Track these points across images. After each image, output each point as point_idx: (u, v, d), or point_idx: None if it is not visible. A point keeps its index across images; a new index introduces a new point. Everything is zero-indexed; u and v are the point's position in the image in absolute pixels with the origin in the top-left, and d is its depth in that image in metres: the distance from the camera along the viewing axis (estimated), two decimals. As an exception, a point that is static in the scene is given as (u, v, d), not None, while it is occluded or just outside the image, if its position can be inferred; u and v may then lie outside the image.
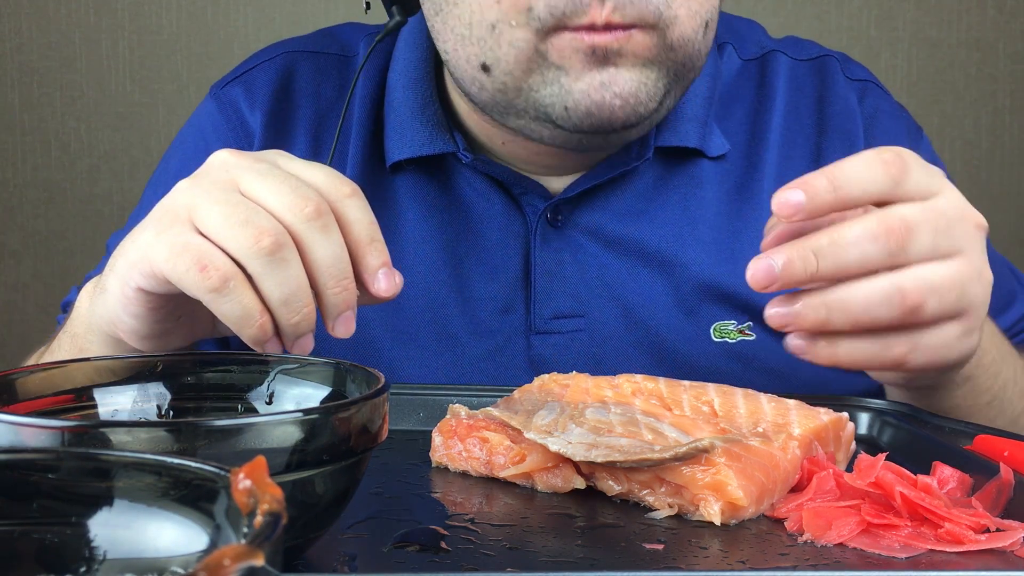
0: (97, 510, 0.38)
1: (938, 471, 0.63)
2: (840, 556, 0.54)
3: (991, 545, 0.54)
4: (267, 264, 0.61)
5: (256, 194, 0.63)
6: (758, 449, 0.61)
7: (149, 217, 0.66)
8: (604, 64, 0.79)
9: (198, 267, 0.61)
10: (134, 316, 0.68)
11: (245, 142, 0.96)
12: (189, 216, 0.63)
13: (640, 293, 0.91)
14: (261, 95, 0.97)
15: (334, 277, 0.64)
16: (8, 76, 1.91)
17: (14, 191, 1.92)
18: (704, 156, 0.93)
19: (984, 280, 0.67)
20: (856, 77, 0.99)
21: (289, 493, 0.35)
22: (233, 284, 0.61)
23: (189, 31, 1.91)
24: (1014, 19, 1.97)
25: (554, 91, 0.80)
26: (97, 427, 0.46)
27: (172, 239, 0.63)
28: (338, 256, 0.64)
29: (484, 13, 0.79)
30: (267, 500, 0.33)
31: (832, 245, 0.61)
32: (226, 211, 0.62)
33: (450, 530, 0.56)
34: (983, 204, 2.04)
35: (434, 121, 0.91)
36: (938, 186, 0.65)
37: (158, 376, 0.58)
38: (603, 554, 0.54)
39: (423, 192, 0.93)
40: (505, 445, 0.65)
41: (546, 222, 0.91)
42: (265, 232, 0.61)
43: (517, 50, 0.79)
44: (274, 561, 0.30)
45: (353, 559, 0.52)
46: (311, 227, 0.63)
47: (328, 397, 0.58)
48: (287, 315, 0.62)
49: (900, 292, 0.62)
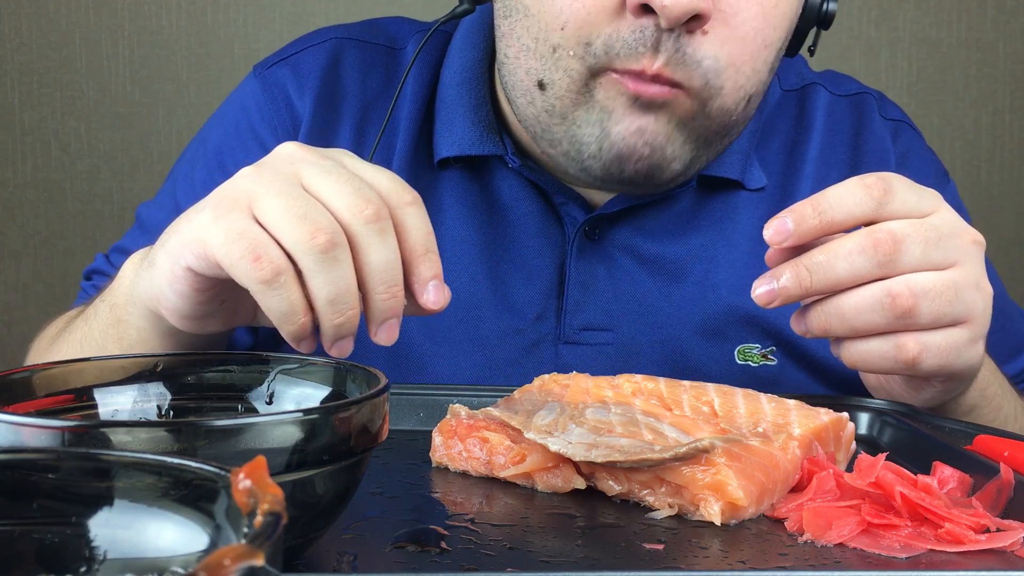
0: (97, 510, 0.38)
1: (938, 471, 0.63)
2: (840, 556, 0.54)
3: (991, 545, 0.54)
4: (319, 261, 0.60)
5: (318, 190, 0.63)
6: (758, 449, 0.61)
7: (209, 199, 0.65)
8: (645, 112, 0.81)
9: (252, 256, 0.61)
10: (179, 295, 0.67)
11: (291, 126, 0.96)
12: (249, 204, 0.63)
13: (669, 312, 0.93)
14: (310, 80, 0.97)
15: (384, 282, 0.63)
16: (8, 76, 1.90)
17: (14, 191, 1.92)
18: (744, 188, 0.95)
19: (983, 291, 0.70)
20: (891, 117, 1.02)
21: (289, 493, 0.35)
22: (284, 279, 0.61)
23: (189, 31, 1.91)
24: (1014, 19, 1.97)
25: (594, 132, 0.82)
26: (97, 427, 0.46)
27: (229, 224, 0.62)
28: (391, 262, 0.63)
29: (549, 35, 0.81)
30: (267, 500, 0.33)
31: (824, 260, 0.67)
32: (286, 203, 0.61)
33: (450, 530, 0.56)
34: (983, 204, 2.03)
35: (485, 123, 0.92)
36: (931, 205, 0.69)
37: (158, 376, 0.58)
38: (603, 554, 0.54)
39: (466, 192, 0.94)
40: (505, 445, 0.65)
41: (584, 235, 0.93)
42: (321, 229, 0.60)
43: (570, 79, 0.81)
44: (274, 561, 0.30)
45: (353, 559, 0.52)
46: (369, 229, 0.62)
47: (328, 397, 0.58)
48: (331, 315, 0.61)
49: (889, 296, 0.66)
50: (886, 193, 0.67)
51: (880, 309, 0.67)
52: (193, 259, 0.64)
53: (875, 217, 0.68)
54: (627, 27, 0.78)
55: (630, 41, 0.78)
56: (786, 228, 0.67)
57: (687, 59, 0.78)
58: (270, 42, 1.88)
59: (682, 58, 0.78)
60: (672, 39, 0.77)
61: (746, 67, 0.81)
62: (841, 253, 0.66)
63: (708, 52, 0.79)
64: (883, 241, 0.66)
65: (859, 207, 0.67)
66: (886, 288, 0.67)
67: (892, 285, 0.67)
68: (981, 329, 0.70)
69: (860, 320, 0.67)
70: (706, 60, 0.79)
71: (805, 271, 0.67)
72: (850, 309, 0.67)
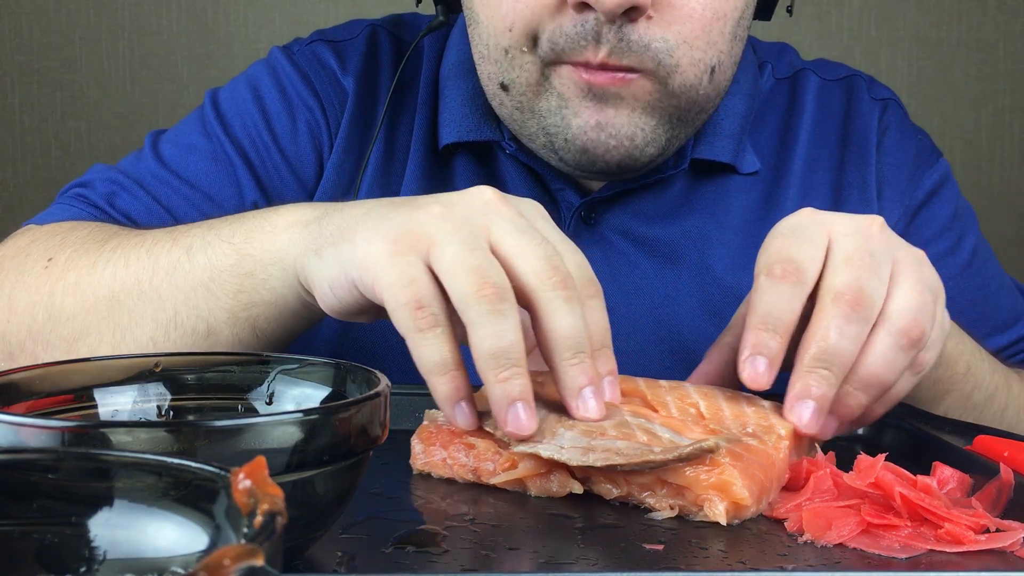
0: (97, 510, 0.38)
1: (938, 471, 0.63)
2: (840, 556, 0.54)
3: (991, 545, 0.54)
4: (483, 314, 0.59)
5: (506, 248, 0.62)
6: (757, 448, 0.61)
7: (392, 225, 0.63)
8: (601, 103, 0.81)
9: (415, 305, 0.60)
10: (338, 298, 0.65)
11: (337, 100, 0.97)
12: (428, 247, 0.61)
13: (666, 293, 0.94)
14: (352, 63, 0.98)
15: (570, 349, 0.60)
16: (8, 76, 1.90)
17: (14, 191, 1.92)
18: (736, 172, 0.96)
19: (923, 258, 0.69)
20: (880, 96, 1.03)
21: (289, 493, 0.35)
22: (440, 331, 0.59)
23: (189, 31, 1.91)
24: (1014, 19, 1.97)
25: (556, 122, 0.83)
26: (97, 427, 0.46)
27: (403, 269, 0.60)
28: (579, 329, 0.61)
29: (499, 38, 0.83)
30: (267, 500, 0.33)
31: (824, 348, 0.64)
32: (462, 254, 0.60)
33: (450, 530, 0.56)
34: (983, 204, 2.03)
35: (481, 110, 0.94)
36: (822, 234, 0.67)
37: (158, 376, 0.58)
38: (603, 555, 0.54)
39: (473, 176, 0.96)
40: (494, 451, 0.63)
41: (580, 219, 0.94)
42: (489, 283, 0.59)
43: (527, 74, 0.83)
44: (274, 561, 0.30)
45: (353, 559, 0.52)
46: (555, 295, 0.60)
47: (328, 397, 0.58)
48: (493, 368, 0.59)
49: (903, 335, 0.65)
50: (797, 269, 0.66)
51: (902, 351, 0.65)
52: (360, 283, 0.63)
53: (810, 290, 0.66)
54: (568, 21, 0.79)
55: (572, 35, 0.79)
56: (758, 367, 0.65)
57: (632, 45, 0.79)
58: (270, 42, 1.88)
59: (627, 46, 0.79)
60: (613, 30, 0.78)
61: (699, 41, 0.81)
62: (835, 332, 0.64)
63: (655, 35, 0.79)
64: (855, 299, 0.64)
65: (795, 298, 0.65)
66: (894, 330, 0.65)
67: (896, 323, 0.65)
68: (944, 294, 0.70)
69: (895, 372, 0.65)
70: (654, 43, 0.80)
71: (823, 369, 0.64)
72: (881, 369, 0.65)
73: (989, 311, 1.01)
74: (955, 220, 1.01)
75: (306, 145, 0.96)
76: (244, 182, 0.95)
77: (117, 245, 0.77)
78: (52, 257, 0.79)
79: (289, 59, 0.99)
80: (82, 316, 0.75)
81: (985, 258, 1.03)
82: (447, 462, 0.64)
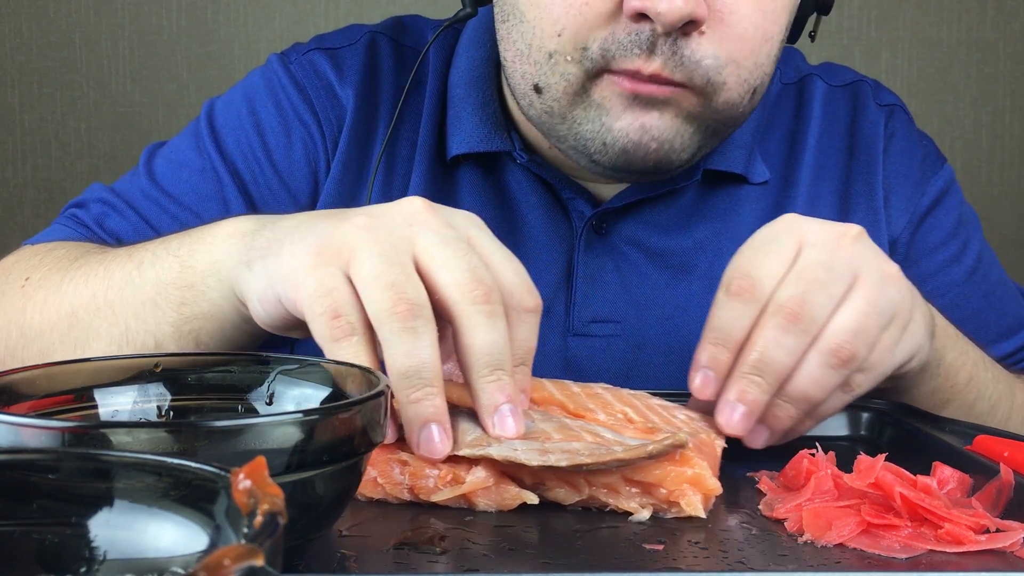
0: (97, 510, 0.38)
1: (938, 471, 0.63)
2: (840, 556, 0.54)
3: (991, 545, 0.54)
4: (397, 331, 0.58)
5: (428, 261, 0.61)
6: (706, 441, 0.63)
7: (316, 238, 0.63)
8: (647, 108, 0.80)
9: (331, 314, 0.59)
10: (267, 312, 0.66)
11: (334, 114, 0.95)
12: (349, 259, 0.60)
13: (676, 304, 0.94)
14: (351, 74, 0.96)
15: (488, 365, 0.59)
16: (8, 76, 1.90)
17: (14, 191, 1.92)
18: (747, 182, 0.96)
19: (890, 275, 0.69)
20: (885, 103, 1.02)
21: (289, 493, 0.35)
22: (356, 340, 0.59)
23: (189, 31, 1.91)
24: (1014, 19, 1.97)
25: (595, 128, 0.82)
26: (97, 427, 0.46)
27: (322, 278, 0.60)
28: (499, 345, 0.59)
29: (545, 41, 0.81)
30: (267, 500, 0.33)
31: (759, 356, 0.66)
32: (379, 268, 0.59)
33: (449, 530, 0.56)
34: (983, 204, 2.04)
35: (493, 120, 0.93)
36: (793, 243, 0.68)
37: (158, 376, 0.58)
38: (603, 554, 0.54)
39: (480, 188, 0.95)
40: (430, 464, 0.59)
41: (591, 229, 0.93)
42: (404, 299, 0.58)
43: (567, 83, 0.81)
44: (274, 561, 0.30)
45: (353, 559, 0.52)
46: (476, 310, 0.59)
47: (328, 398, 0.58)
48: (405, 388, 0.58)
49: (832, 355, 0.66)
50: (753, 286, 0.67)
51: (831, 370, 0.66)
52: (284, 296, 0.63)
53: (765, 302, 0.67)
54: (623, 30, 0.78)
55: (626, 43, 0.78)
56: (710, 376, 0.68)
57: (685, 60, 0.78)
58: (270, 42, 1.88)
59: (680, 60, 0.78)
60: (669, 42, 0.77)
61: (748, 62, 0.81)
62: (771, 343, 0.66)
63: (707, 52, 0.79)
64: (794, 312, 0.65)
65: (745, 315, 0.67)
66: (825, 349, 0.66)
67: (828, 343, 0.66)
68: (908, 310, 0.69)
69: (823, 390, 0.67)
70: (706, 60, 0.79)
71: (756, 376, 0.66)
72: (808, 387, 0.66)
73: (994, 317, 1.01)
74: (960, 227, 1.01)
75: (300, 160, 0.95)
76: (232, 200, 0.94)
77: (83, 263, 0.79)
78: (29, 276, 0.82)
79: (286, 70, 0.97)
80: (48, 333, 0.77)
81: (990, 264, 1.03)
82: (378, 481, 0.59)
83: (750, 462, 0.68)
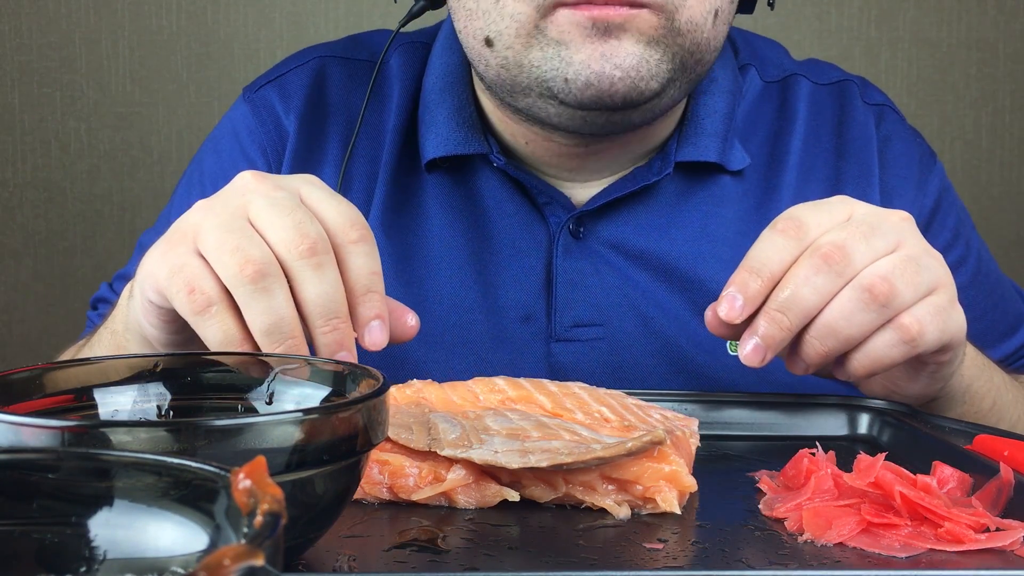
0: (97, 510, 0.38)
1: (938, 471, 0.63)
2: (840, 556, 0.54)
3: (991, 545, 0.54)
4: (249, 293, 0.61)
5: (260, 224, 0.64)
6: (680, 438, 0.63)
7: (164, 238, 0.67)
8: (605, 36, 0.79)
9: (187, 289, 0.62)
10: (153, 325, 0.69)
11: (279, 144, 0.97)
12: (194, 237, 0.64)
13: (659, 305, 0.93)
14: (296, 98, 0.98)
15: (322, 316, 0.63)
16: (8, 76, 1.90)
17: (14, 191, 1.92)
18: (724, 172, 0.94)
19: (936, 257, 0.70)
20: (873, 102, 1.01)
21: (289, 493, 0.35)
22: (216, 309, 0.62)
23: (189, 31, 1.91)
24: (1014, 19, 1.97)
25: (554, 65, 0.81)
26: (97, 427, 0.46)
27: (173, 259, 0.64)
28: (328, 296, 0.63)
29: None
30: (267, 500, 0.33)
31: (790, 294, 0.66)
32: (222, 237, 0.62)
33: (449, 530, 0.56)
34: (983, 204, 2.04)
35: (469, 123, 0.92)
36: (844, 211, 0.69)
37: (158, 376, 0.58)
38: (603, 554, 0.54)
39: (451, 195, 0.94)
40: (410, 463, 0.60)
41: (568, 233, 0.92)
42: (250, 261, 0.61)
43: (517, 23, 0.80)
44: (274, 561, 0.30)
45: (353, 559, 0.52)
46: (303, 264, 0.62)
47: (328, 397, 0.58)
48: (269, 345, 0.62)
49: (865, 291, 0.66)
50: (799, 228, 0.68)
51: (864, 307, 0.66)
52: (151, 293, 0.66)
53: (803, 250, 0.68)
54: None
55: None
56: (736, 301, 0.67)
57: None
58: (270, 42, 1.88)
59: None
60: None
61: None
62: (800, 281, 0.66)
63: None
64: (831, 253, 0.66)
65: (786, 250, 0.67)
66: (858, 286, 0.66)
67: (862, 280, 0.66)
68: (952, 290, 0.70)
69: (853, 326, 0.66)
70: None
71: (778, 313, 0.66)
72: (838, 321, 0.66)
73: (998, 317, 1.00)
74: (960, 226, 1.00)
75: None
76: None
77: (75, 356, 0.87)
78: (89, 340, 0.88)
79: (248, 108, 0.99)
80: None
81: (987, 261, 1.02)
82: None
83: (750, 462, 0.68)
